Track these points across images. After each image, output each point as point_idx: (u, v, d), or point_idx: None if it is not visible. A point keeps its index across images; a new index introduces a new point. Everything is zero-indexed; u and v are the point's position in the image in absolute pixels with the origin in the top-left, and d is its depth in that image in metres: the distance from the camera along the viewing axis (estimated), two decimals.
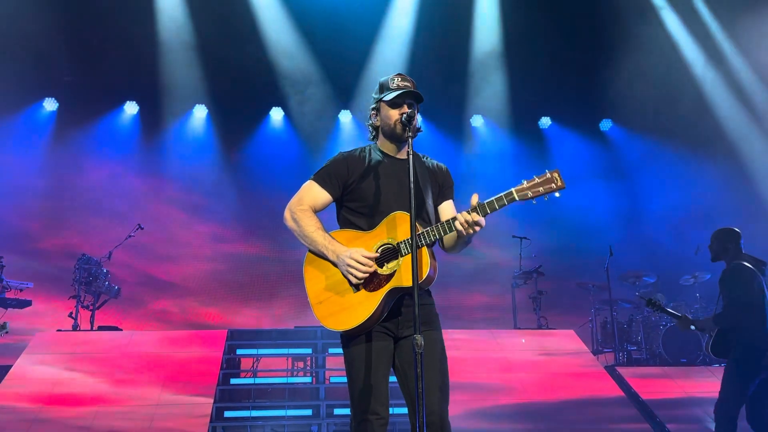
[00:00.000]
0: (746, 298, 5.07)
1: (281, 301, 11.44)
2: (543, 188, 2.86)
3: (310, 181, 3.18)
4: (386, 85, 3.16)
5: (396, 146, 3.21)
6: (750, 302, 5.04)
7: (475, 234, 2.88)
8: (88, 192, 11.29)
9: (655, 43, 11.43)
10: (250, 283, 11.69)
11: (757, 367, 4.95)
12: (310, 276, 3.05)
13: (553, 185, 2.86)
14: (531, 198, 2.87)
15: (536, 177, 2.89)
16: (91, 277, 9.30)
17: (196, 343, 8.38)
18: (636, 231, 11.85)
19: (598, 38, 11.49)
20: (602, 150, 12.78)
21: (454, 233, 2.92)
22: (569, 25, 11.36)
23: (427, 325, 3.01)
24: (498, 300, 11.65)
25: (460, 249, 3.10)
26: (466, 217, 2.84)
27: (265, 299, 11.55)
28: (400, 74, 3.19)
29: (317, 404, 7.47)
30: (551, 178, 2.86)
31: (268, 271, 11.72)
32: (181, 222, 11.75)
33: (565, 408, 7.42)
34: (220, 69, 11.38)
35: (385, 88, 3.16)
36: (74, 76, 11.08)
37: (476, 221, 2.84)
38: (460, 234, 2.87)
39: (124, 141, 11.74)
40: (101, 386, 7.34)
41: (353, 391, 2.95)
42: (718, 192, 11.40)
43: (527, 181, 2.88)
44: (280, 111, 12.23)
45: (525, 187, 2.87)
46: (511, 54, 11.70)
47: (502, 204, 2.86)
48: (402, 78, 3.16)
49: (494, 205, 2.86)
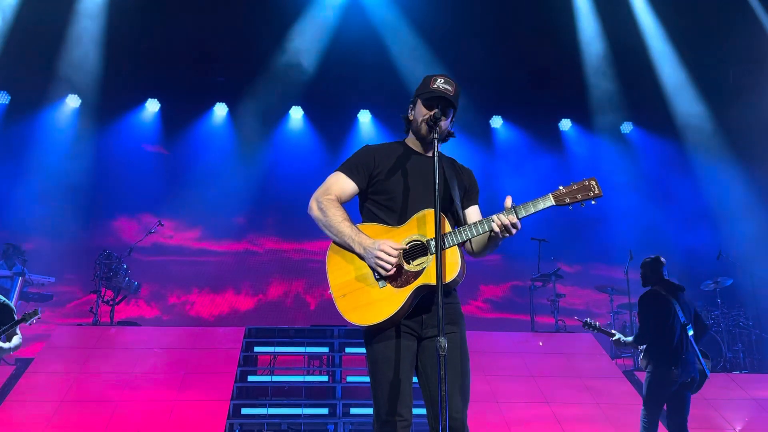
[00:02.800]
0: (654, 320, 5.74)
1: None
2: (581, 195, 2.87)
3: (336, 172, 3.15)
4: (427, 83, 3.10)
5: (423, 145, 3.18)
6: (657, 324, 5.71)
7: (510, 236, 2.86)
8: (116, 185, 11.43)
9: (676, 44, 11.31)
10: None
11: (665, 379, 5.60)
12: (334, 268, 2.99)
13: (591, 193, 2.87)
14: (568, 204, 2.87)
15: (574, 183, 2.90)
16: (111, 273, 9.39)
17: (214, 339, 8.43)
18: (656, 235, 11.73)
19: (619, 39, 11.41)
20: (623, 153, 12.67)
21: (485, 235, 2.90)
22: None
23: (452, 325, 2.97)
24: (516, 302, 11.62)
25: (488, 252, 3.07)
26: (503, 219, 2.82)
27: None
28: (444, 75, 3.12)
29: (334, 403, 7.49)
30: (589, 186, 2.88)
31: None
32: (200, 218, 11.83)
33: (584, 411, 7.37)
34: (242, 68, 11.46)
35: (425, 86, 3.10)
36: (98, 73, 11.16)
37: (513, 223, 2.82)
38: (495, 236, 2.86)
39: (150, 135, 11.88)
40: (120, 381, 7.40)
41: (376, 391, 2.90)
42: (741, 196, 11.26)
43: (564, 187, 2.89)
44: (299, 110, 12.26)
45: (563, 192, 2.88)
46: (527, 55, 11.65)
47: (539, 208, 2.86)
48: (445, 80, 3.08)
49: (531, 208, 2.85)
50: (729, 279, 9.43)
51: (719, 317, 9.19)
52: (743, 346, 9.15)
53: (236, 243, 11.80)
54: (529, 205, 2.86)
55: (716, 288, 9.45)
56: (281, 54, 11.21)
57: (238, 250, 11.80)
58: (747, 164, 11.28)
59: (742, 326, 9.25)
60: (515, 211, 2.84)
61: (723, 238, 10.51)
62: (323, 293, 11.59)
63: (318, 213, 3.06)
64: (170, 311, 11.24)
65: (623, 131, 12.77)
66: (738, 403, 7.67)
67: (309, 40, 11.26)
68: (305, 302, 11.72)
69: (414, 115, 3.16)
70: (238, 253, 11.79)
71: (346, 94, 11.76)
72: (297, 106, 12.22)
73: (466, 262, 2.93)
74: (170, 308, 11.28)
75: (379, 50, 11.15)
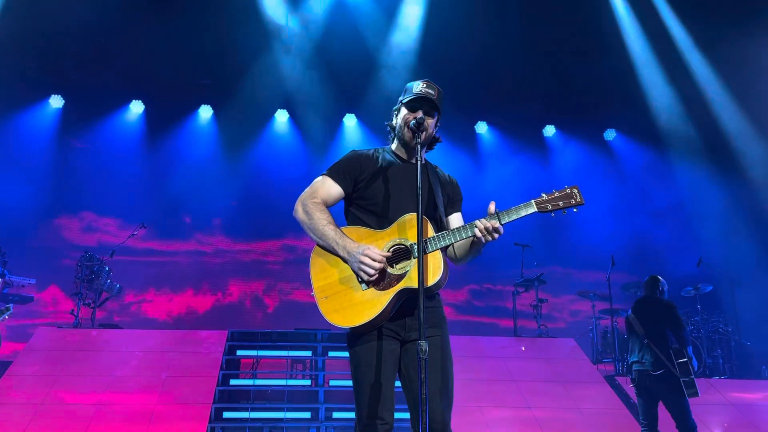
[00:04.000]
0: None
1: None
2: (563, 202, 2.92)
3: (322, 176, 3.17)
4: (410, 89, 3.15)
5: (407, 151, 3.20)
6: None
7: (492, 241, 2.89)
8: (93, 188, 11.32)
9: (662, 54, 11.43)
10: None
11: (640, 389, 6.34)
12: (317, 270, 3.01)
13: (572, 201, 2.93)
14: (550, 211, 2.92)
15: (556, 191, 2.95)
16: (93, 275, 9.32)
17: (196, 343, 8.39)
18: (638, 241, 11.85)
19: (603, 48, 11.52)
20: (606, 160, 12.79)
21: (467, 241, 2.93)
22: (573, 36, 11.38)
23: (434, 328, 3.00)
24: (498, 307, 11.69)
25: (471, 258, 3.10)
26: (485, 223, 2.86)
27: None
28: (426, 81, 3.16)
29: (316, 407, 7.47)
30: (571, 194, 2.94)
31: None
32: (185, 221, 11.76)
33: (566, 413, 7.42)
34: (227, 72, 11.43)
35: (407, 91, 3.15)
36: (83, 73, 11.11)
37: (496, 228, 2.86)
38: (477, 240, 2.89)
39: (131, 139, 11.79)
40: (101, 384, 7.34)
41: (358, 394, 2.92)
42: (722, 203, 11.41)
43: (547, 195, 2.94)
44: (285, 113, 12.25)
45: (545, 199, 2.93)
46: (515, 63, 11.72)
47: (521, 214, 2.90)
48: (427, 84, 3.12)
49: (513, 214, 2.89)
50: (709, 285, 9.54)
51: (699, 323, 9.28)
52: (723, 352, 9.25)
53: (184, 243, 11.68)
54: (512, 212, 2.90)
55: (696, 294, 9.56)
56: (269, 56, 11.21)
57: (188, 250, 11.68)
58: (728, 171, 11.43)
59: (722, 332, 9.35)
60: (498, 217, 2.88)
61: (704, 246, 10.62)
62: (282, 296, 11.62)
63: (303, 216, 3.08)
64: (151, 313, 11.18)
65: (606, 138, 12.89)
66: (718, 408, 7.76)
67: (296, 42, 11.28)
68: (264, 304, 11.71)
69: (398, 121, 3.19)
70: (189, 252, 11.68)
71: (332, 97, 11.76)
72: (282, 109, 12.22)
73: (449, 266, 2.95)
74: (151, 310, 11.21)
75: (366, 54, 11.18)
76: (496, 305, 11.89)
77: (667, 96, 11.62)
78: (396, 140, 3.24)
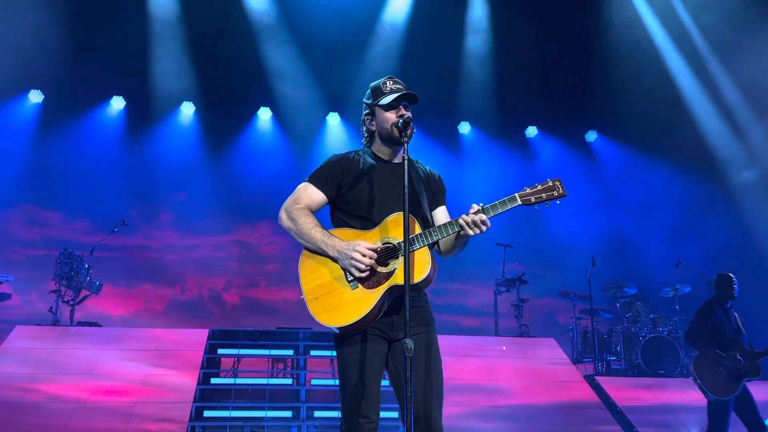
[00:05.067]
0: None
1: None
2: (546, 195, 2.98)
3: (305, 183, 3.18)
4: (379, 89, 3.16)
5: (392, 150, 3.21)
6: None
7: (480, 234, 2.93)
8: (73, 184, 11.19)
9: (643, 55, 11.55)
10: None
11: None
12: (306, 272, 3.02)
13: (555, 192, 2.99)
14: (534, 203, 2.98)
15: (538, 184, 3.01)
16: (72, 272, 9.23)
17: (177, 341, 8.33)
18: (618, 242, 11.96)
19: (586, 50, 11.62)
20: (587, 161, 12.90)
21: (453, 235, 2.97)
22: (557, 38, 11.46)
23: (422, 326, 3.03)
24: (480, 307, 11.74)
25: (457, 252, 3.13)
26: (473, 216, 2.89)
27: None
28: (391, 77, 3.20)
29: (297, 406, 7.45)
30: (553, 186, 3.00)
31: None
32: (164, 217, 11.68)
33: (546, 412, 7.48)
34: (210, 66, 11.36)
35: (378, 93, 3.16)
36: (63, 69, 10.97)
37: (483, 220, 2.89)
38: (465, 233, 2.92)
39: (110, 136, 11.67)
40: (79, 382, 7.27)
41: (344, 392, 2.94)
42: (699, 206, 11.56)
43: (530, 188, 3.00)
44: (268, 111, 12.21)
45: (529, 192, 2.98)
46: (499, 62, 11.79)
47: (506, 208, 2.94)
48: (394, 81, 3.17)
49: (498, 208, 2.94)
50: (687, 286, 9.65)
51: (678, 323, 9.39)
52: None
53: (130, 237, 11.42)
54: (497, 206, 2.94)
55: (675, 295, 9.67)
56: (251, 55, 11.17)
57: (135, 245, 11.51)
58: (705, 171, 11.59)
59: None
60: (484, 212, 2.92)
61: (683, 246, 10.74)
62: (242, 292, 11.57)
63: (288, 222, 3.09)
64: (133, 312, 11.07)
65: (588, 139, 13.00)
66: (695, 407, 7.85)
67: (279, 41, 11.25)
68: (222, 301, 11.66)
69: (378, 123, 3.19)
70: (138, 248, 11.53)
71: (315, 95, 11.74)
72: (265, 107, 12.18)
73: (437, 263, 2.98)
74: (133, 309, 11.11)
75: (351, 52, 11.18)
76: (458, 304, 11.92)
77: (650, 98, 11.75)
78: (378, 141, 3.23)
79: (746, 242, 10.85)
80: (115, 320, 10.83)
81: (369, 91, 3.23)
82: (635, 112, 11.83)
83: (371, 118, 3.22)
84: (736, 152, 11.22)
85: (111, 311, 11.07)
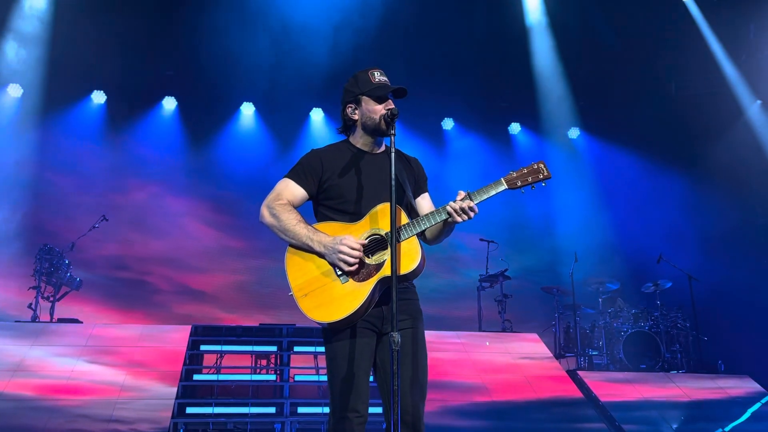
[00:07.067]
0: None
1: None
2: (531, 177, 2.98)
3: (285, 179, 3.12)
4: (367, 79, 3.09)
5: (373, 140, 3.16)
6: None
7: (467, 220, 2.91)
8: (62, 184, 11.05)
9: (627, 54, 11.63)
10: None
11: None
12: (293, 269, 2.96)
13: (540, 175, 2.99)
14: (520, 187, 2.97)
15: (523, 168, 3.00)
16: (52, 268, 9.13)
17: (159, 337, 8.27)
18: (600, 238, 12.03)
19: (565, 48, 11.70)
20: (569, 157, 12.95)
21: (440, 223, 2.95)
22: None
23: (410, 320, 3.00)
24: (463, 302, 11.75)
25: (443, 238, 3.10)
26: (461, 203, 2.87)
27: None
28: (377, 68, 3.14)
29: (281, 402, 7.42)
30: (538, 169, 2.99)
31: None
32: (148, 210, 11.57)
33: (528, 408, 7.51)
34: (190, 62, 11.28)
35: (366, 82, 3.09)
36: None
37: (471, 206, 2.87)
38: (453, 220, 2.90)
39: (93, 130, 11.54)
40: (60, 379, 7.19)
41: (333, 387, 2.90)
42: (681, 201, 11.67)
43: (515, 171, 2.99)
44: (251, 106, 12.14)
45: (514, 176, 2.98)
46: (480, 59, 11.81)
47: (492, 193, 2.93)
48: (381, 73, 3.12)
49: (484, 194, 2.92)
50: (668, 282, 9.75)
51: (659, 318, 9.47)
52: (681, 347, 9.45)
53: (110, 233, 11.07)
54: (483, 191, 2.93)
55: (656, 290, 9.76)
56: (234, 49, 11.09)
57: (115, 240, 11.24)
58: (688, 168, 11.70)
59: (680, 327, 9.56)
60: (470, 197, 2.90)
61: (663, 242, 10.84)
62: (224, 288, 11.50)
63: (271, 219, 3.03)
64: (114, 308, 10.97)
65: (570, 136, 13.06)
66: (675, 402, 7.94)
67: (262, 35, 11.17)
68: (203, 294, 11.56)
69: (362, 113, 3.12)
70: (118, 243, 11.28)
71: (299, 91, 11.68)
72: (248, 102, 12.10)
73: (425, 253, 2.96)
74: (114, 305, 11.01)
75: (333, 47, 11.12)
76: (442, 298, 11.91)
77: (630, 95, 11.84)
78: (360, 131, 3.16)
79: (729, 237, 10.96)
80: (96, 316, 10.69)
81: (354, 79, 3.14)
82: (617, 108, 11.92)
83: (355, 106, 3.15)
84: (718, 149, 11.31)
85: (92, 308, 10.93)
